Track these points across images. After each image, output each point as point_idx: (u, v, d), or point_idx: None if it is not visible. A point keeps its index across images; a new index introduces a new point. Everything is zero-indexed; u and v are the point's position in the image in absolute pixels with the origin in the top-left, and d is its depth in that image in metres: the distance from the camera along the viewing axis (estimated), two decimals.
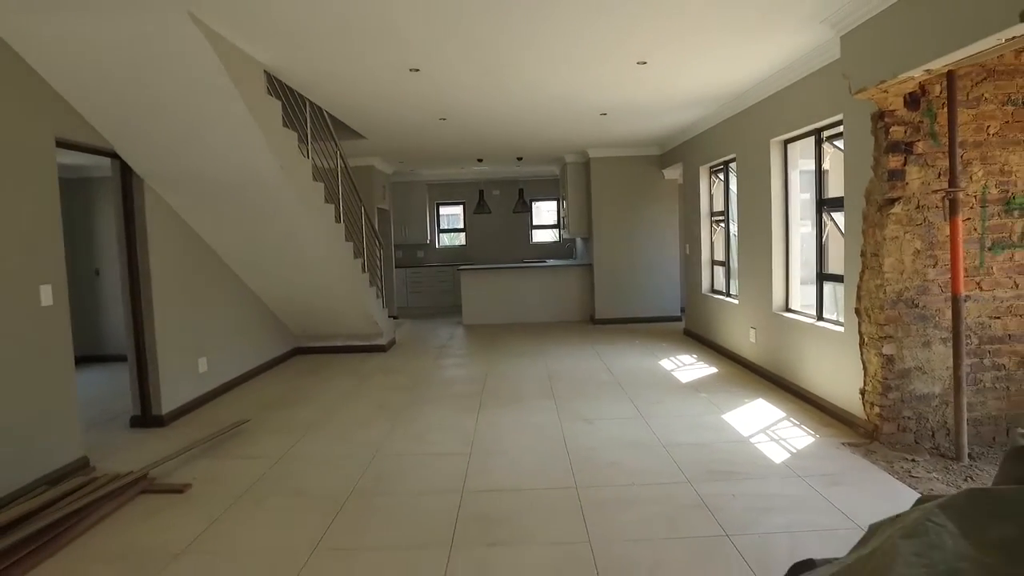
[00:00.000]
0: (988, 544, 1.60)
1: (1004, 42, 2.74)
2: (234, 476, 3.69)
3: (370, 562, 2.68)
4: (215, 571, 2.64)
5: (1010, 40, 2.71)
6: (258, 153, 4.46)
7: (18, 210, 3.46)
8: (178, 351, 4.95)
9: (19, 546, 2.76)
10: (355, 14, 3.50)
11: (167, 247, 4.86)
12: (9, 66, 3.45)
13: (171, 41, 3.52)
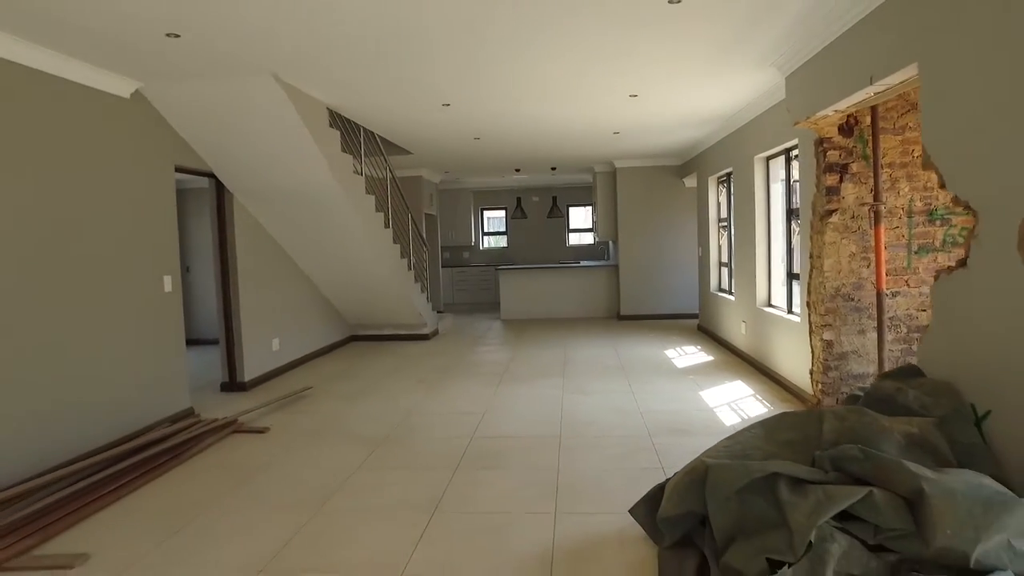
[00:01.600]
0: (775, 441, 2.57)
1: (874, 95, 3.56)
2: (301, 424, 4.81)
3: (396, 477, 3.71)
4: (286, 479, 3.73)
5: (878, 92, 3.53)
6: (321, 173, 5.59)
7: (150, 219, 4.67)
8: (257, 332, 6.15)
9: (155, 457, 3.93)
10: (395, 69, 4.55)
11: (249, 248, 6.06)
12: (148, 116, 4.67)
13: (258, 94, 4.67)
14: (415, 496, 3.39)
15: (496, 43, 4.04)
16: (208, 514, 3.25)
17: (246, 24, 3.53)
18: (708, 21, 3.76)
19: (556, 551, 2.75)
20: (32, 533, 2.94)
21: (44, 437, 3.70)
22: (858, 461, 2.22)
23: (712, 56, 4.48)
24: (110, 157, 4.33)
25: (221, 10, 3.32)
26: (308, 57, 4.20)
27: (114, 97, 4.41)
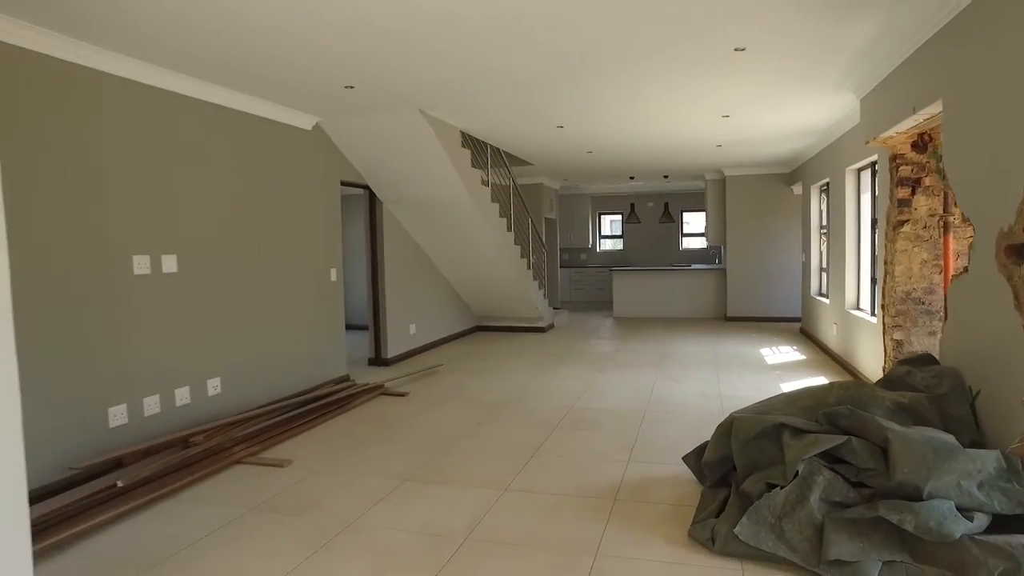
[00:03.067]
0: (794, 405, 3.31)
1: (923, 120, 4.08)
2: (433, 391, 5.93)
3: (507, 431, 4.69)
4: (422, 427, 4.81)
5: (927, 119, 4.05)
6: (454, 186, 6.70)
7: (322, 223, 5.98)
8: (398, 318, 7.39)
9: (326, 406, 5.17)
10: (516, 101, 5.54)
11: (393, 247, 7.31)
12: (323, 143, 5.99)
13: (407, 125, 5.84)
14: (522, 444, 4.35)
15: (599, 82, 4.91)
16: (365, 444, 4.39)
17: (402, 77, 4.65)
18: (771, 63, 4.43)
19: (623, 485, 3.59)
20: (257, 443, 4.21)
21: (255, 383, 5.03)
22: (844, 417, 2.91)
23: (789, 84, 5.09)
24: (295, 175, 5.64)
25: (384, 70, 4.44)
26: (447, 96, 5.28)
27: (300, 130, 5.72)
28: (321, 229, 5.97)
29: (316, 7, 3.29)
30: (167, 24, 3.45)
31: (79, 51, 3.66)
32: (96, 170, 3.83)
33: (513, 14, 3.46)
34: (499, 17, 3.50)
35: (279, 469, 3.93)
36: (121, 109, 3.98)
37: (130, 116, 4.03)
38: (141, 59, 3.98)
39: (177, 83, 4.33)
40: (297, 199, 5.64)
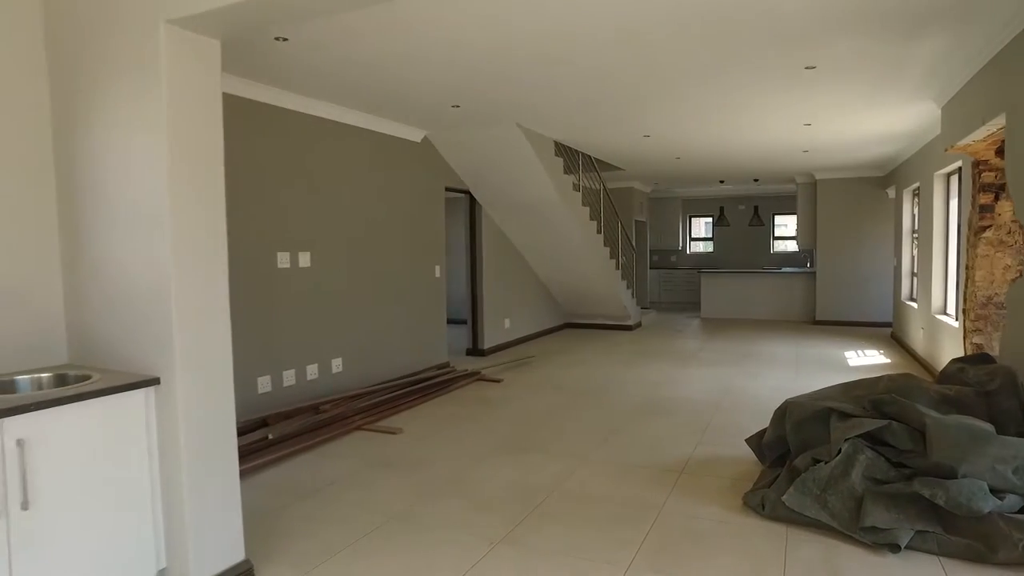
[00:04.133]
0: (847, 395, 3.66)
1: (997, 129, 4.25)
2: (525, 380, 6.52)
3: (590, 413, 5.20)
4: (515, 408, 5.40)
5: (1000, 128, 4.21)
6: (547, 192, 7.27)
7: (428, 224, 6.70)
8: (494, 313, 8.04)
9: (430, 388, 5.87)
10: (605, 115, 6.04)
11: (491, 247, 7.96)
12: (430, 153, 6.72)
13: (505, 137, 6.46)
14: (603, 425, 4.86)
15: (680, 98, 5.33)
16: (465, 420, 5.03)
17: (500, 99, 5.26)
18: (842, 79, 4.71)
19: (690, 462, 4.03)
20: (373, 414, 4.96)
21: (370, 364, 5.80)
22: (888, 404, 3.24)
23: (862, 97, 5.32)
24: (405, 182, 6.38)
25: (485, 94, 5.06)
26: (541, 113, 5.86)
27: (411, 142, 6.47)
28: (427, 230, 6.70)
29: (433, 48, 3.93)
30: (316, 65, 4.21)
31: (246, 87, 4.50)
32: (257, 182, 4.66)
33: (598, 43, 3.97)
34: (586, 47, 4.03)
35: (392, 436, 4.63)
36: (275, 132, 4.81)
37: (282, 137, 4.86)
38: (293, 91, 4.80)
39: (317, 107, 5.13)
40: (407, 203, 6.38)
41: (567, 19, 3.52)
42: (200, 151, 2.43)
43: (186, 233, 2.36)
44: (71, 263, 2.64)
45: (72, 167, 2.60)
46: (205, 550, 2.46)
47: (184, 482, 2.39)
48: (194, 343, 2.40)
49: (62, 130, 2.61)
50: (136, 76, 2.36)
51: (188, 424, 2.38)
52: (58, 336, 2.66)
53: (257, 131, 4.70)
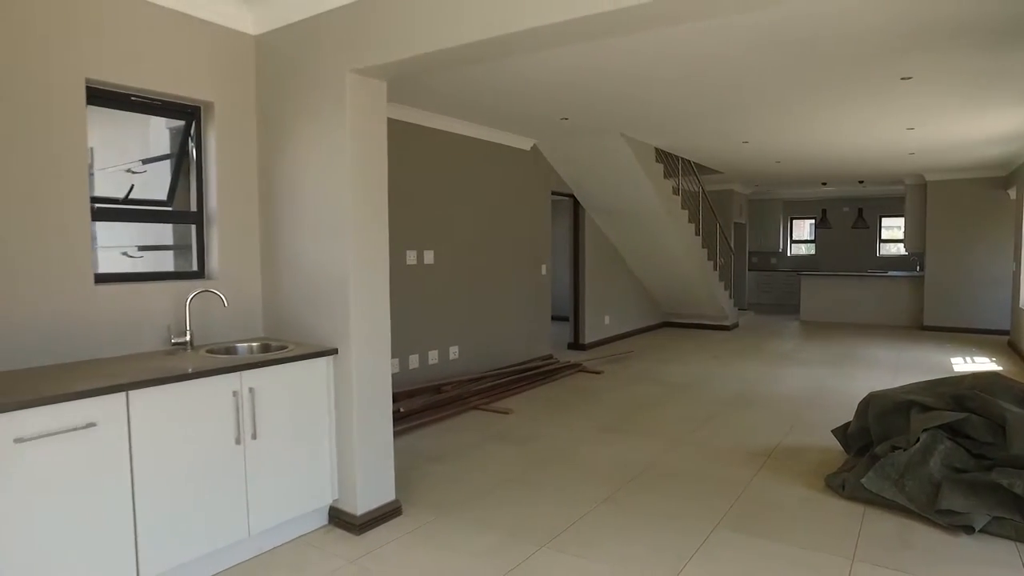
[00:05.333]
0: (932, 391, 3.92)
1: None
2: (623, 372, 6.96)
3: (685, 404, 5.58)
4: (614, 396, 5.85)
5: None
6: (647, 196, 7.66)
7: (535, 226, 7.26)
8: (594, 310, 8.51)
9: (536, 377, 6.43)
10: (705, 124, 6.38)
11: (592, 248, 8.43)
12: (538, 160, 7.27)
13: (608, 145, 6.91)
14: (697, 414, 5.24)
15: (779, 108, 5.61)
16: (569, 405, 5.54)
17: (606, 112, 5.72)
18: (940, 87, 4.85)
19: (777, 448, 4.36)
20: (486, 396, 5.57)
21: (482, 353, 6.42)
22: (969, 399, 3.46)
23: (962, 102, 5.39)
24: (514, 187, 6.96)
25: (592, 108, 5.55)
26: (644, 123, 6.27)
27: (521, 150, 7.04)
28: (534, 231, 7.26)
29: (547, 72, 4.47)
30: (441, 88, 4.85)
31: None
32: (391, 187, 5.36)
33: (697, 64, 4.37)
34: (686, 68, 4.43)
35: (504, 416, 5.21)
36: (402, 143, 5.51)
37: (407, 147, 5.55)
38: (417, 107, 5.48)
39: (437, 121, 5.80)
40: (516, 206, 6.96)
41: (669, 46, 3.96)
42: (371, 168, 3.07)
43: (361, 235, 3.01)
44: (268, 259, 3.36)
45: (271, 183, 3.31)
46: (367, 488, 3.11)
47: (354, 432, 3.03)
48: (364, 323, 3.04)
49: (265, 154, 3.33)
50: (326, 110, 3.02)
51: (358, 386, 3.03)
52: (256, 315, 3.39)
53: (389, 143, 5.41)
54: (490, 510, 3.37)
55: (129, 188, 3.24)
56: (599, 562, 2.81)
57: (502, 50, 2.71)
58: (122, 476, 2.29)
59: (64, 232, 2.67)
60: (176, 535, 2.47)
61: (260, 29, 3.31)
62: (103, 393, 2.22)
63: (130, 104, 3.06)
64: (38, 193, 2.60)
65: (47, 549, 2.11)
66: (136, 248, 3.37)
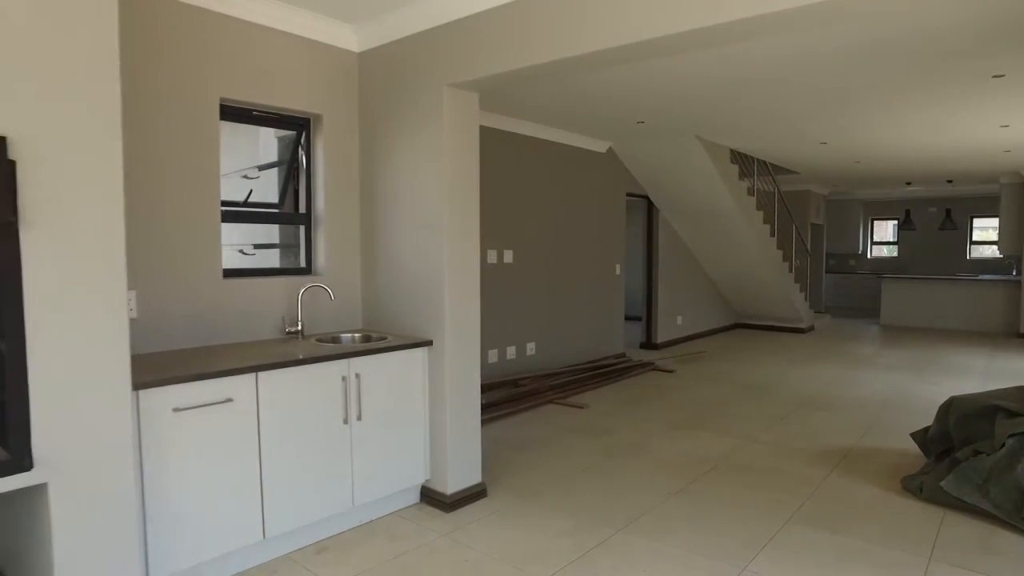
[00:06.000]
0: (1021, 397, 3.88)
1: None
2: (696, 372, 7.02)
3: (759, 403, 5.62)
4: (685, 395, 5.95)
5: None
6: (722, 198, 7.68)
7: (610, 226, 7.41)
8: (667, 310, 8.57)
9: (608, 374, 6.58)
10: (781, 127, 6.38)
11: (666, 248, 8.50)
12: (613, 162, 7.42)
13: (683, 147, 6.99)
14: (770, 413, 5.29)
15: (861, 109, 5.58)
16: (641, 401, 5.68)
17: (681, 116, 5.82)
18: None
19: (852, 450, 4.38)
20: (561, 391, 5.78)
21: (557, 349, 6.63)
22: None
23: None
24: (590, 188, 7.13)
25: (668, 111, 5.66)
26: (719, 126, 6.33)
27: (596, 153, 7.20)
28: (609, 232, 7.41)
29: (625, 80, 4.63)
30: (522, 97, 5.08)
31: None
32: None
33: (773, 68, 4.44)
34: (762, 72, 4.51)
35: (579, 410, 5.40)
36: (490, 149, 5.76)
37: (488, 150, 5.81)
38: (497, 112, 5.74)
39: (517, 125, 6.03)
40: (592, 207, 7.13)
41: (749, 52, 4.05)
42: (464, 173, 3.32)
43: (455, 235, 3.27)
44: (368, 257, 3.67)
45: (372, 187, 3.62)
46: (456, 470, 3.36)
47: (446, 417, 3.30)
48: (457, 318, 3.30)
49: (366, 161, 3.64)
50: (423, 121, 3.29)
51: (451, 375, 3.29)
52: (357, 308, 3.71)
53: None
54: (568, 495, 3.57)
55: (248, 192, 3.61)
56: (672, 547, 2.97)
57: (585, 65, 2.90)
58: (252, 445, 2.62)
59: (200, 232, 3.04)
60: (293, 500, 2.79)
61: (363, 47, 3.62)
62: (238, 373, 2.55)
63: (252, 118, 3.42)
64: (182, 198, 2.98)
65: (195, 499, 2.46)
66: (252, 246, 3.74)
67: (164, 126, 2.92)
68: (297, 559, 2.83)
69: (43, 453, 1.94)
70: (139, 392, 2.27)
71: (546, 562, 2.82)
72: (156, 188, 2.90)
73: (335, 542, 2.99)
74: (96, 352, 2.05)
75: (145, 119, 2.84)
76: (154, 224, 2.89)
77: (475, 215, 3.39)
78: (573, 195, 6.85)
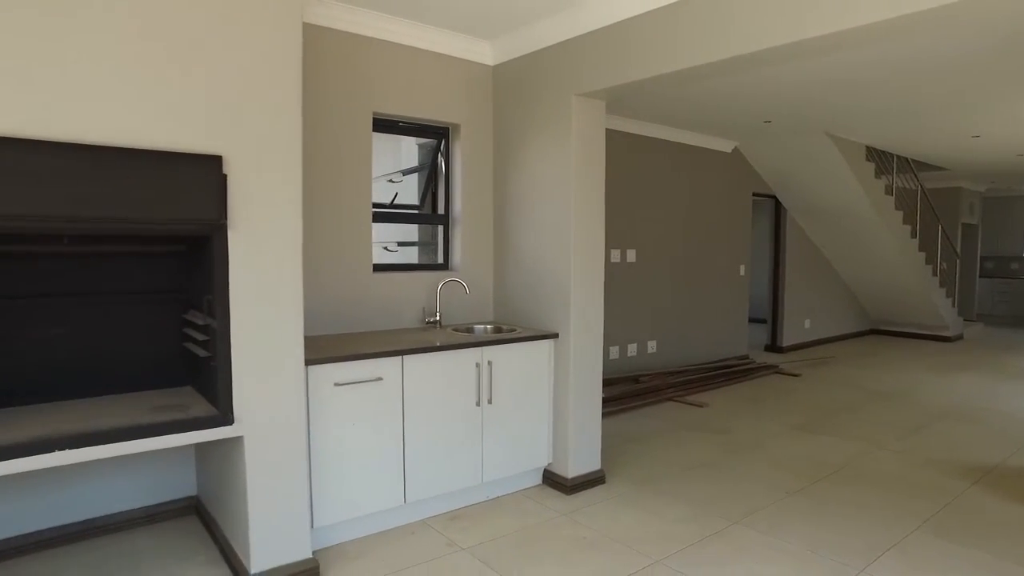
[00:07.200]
0: None
1: None
2: (823, 376, 6.80)
3: (887, 413, 5.39)
4: (807, 399, 5.80)
5: None
6: (856, 196, 7.36)
7: (735, 227, 7.32)
8: (794, 312, 8.32)
9: (731, 374, 6.54)
10: (925, 120, 6.05)
11: (794, 249, 8.25)
12: (739, 162, 7.33)
13: (813, 145, 6.78)
14: (903, 422, 5.08)
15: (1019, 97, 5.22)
16: (764, 403, 5.62)
17: (810, 114, 5.69)
18: None
19: (999, 466, 4.14)
20: (681, 390, 5.85)
21: (678, 348, 6.67)
22: None
23: None
24: (714, 188, 7.09)
25: (797, 111, 5.56)
26: (853, 122, 6.11)
27: (721, 153, 7.15)
28: (733, 232, 7.33)
29: (754, 83, 4.63)
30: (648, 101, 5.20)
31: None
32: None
33: (911, 66, 4.28)
34: (899, 70, 4.36)
35: (699, 408, 5.44)
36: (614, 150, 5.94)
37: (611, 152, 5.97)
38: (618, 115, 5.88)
39: (641, 127, 6.15)
40: (716, 207, 7.09)
41: (885, 50, 3.96)
42: (590, 177, 3.52)
43: (580, 236, 3.48)
44: (499, 255, 3.97)
45: (504, 190, 3.91)
46: (577, 455, 3.58)
47: (569, 406, 3.52)
48: (581, 313, 3.52)
49: (499, 166, 3.94)
50: (553, 128, 3.53)
51: (574, 367, 3.51)
52: (488, 302, 4.02)
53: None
54: (685, 487, 3.68)
55: (394, 195, 4.02)
56: (789, 542, 3.02)
57: (710, 74, 3.01)
58: (397, 419, 2.98)
59: (355, 231, 3.46)
60: (430, 471, 3.12)
61: (497, 60, 3.92)
62: (387, 356, 2.91)
63: (399, 128, 3.81)
64: (340, 201, 3.41)
65: (349, 462, 2.84)
66: (395, 244, 4.15)
67: (326, 138, 3.35)
68: (432, 524, 3.16)
69: (240, 412, 2.36)
70: (309, 367, 2.67)
71: (661, 545, 2.98)
72: (319, 192, 3.34)
73: (465, 512, 3.30)
74: (280, 332, 2.46)
75: (311, 133, 3.28)
76: (317, 223, 3.33)
77: (600, 217, 3.58)
78: (698, 195, 6.86)
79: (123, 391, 2.62)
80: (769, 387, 6.31)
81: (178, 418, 2.23)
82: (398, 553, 2.88)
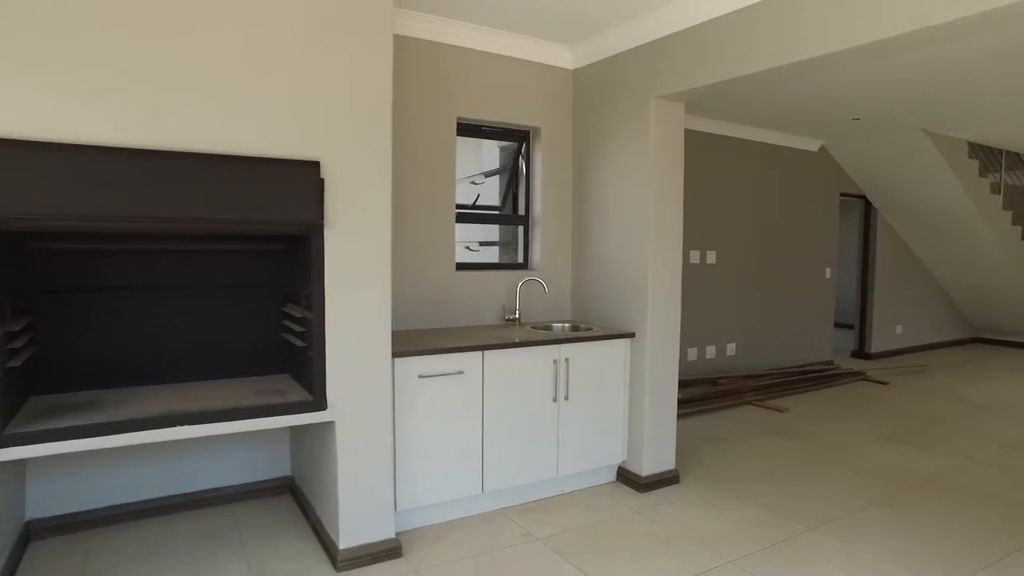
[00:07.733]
0: None
1: None
2: (914, 385, 6.51)
3: (985, 426, 5.10)
4: (905, 409, 5.56)
5: None
6: (956, 196, 6.98)
7: (820, 228, 7.10)
8: (884, 317, 7.97)
9: (815, 380, 6.36)
10: None
11: (885, 251, 7.90)
12: (826, 161, 7.10)
13: (907, 141, 6.48)
14: (1004, 436, 4.82)
15: None
16: (848, 410, 5.45)
17: (904, 110, 5.46)
18: None
19: None
20: (761, 393, 5.75)
21: (758, 351, 6.54)
22: None
23: None
24: (799, 188, 6.89)
25: (891, 105, 5.34)
26: (952, 116, 5.81)
27: (807, 152, 6.94)
28: (819, 233, 7.11)
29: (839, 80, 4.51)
30: (730, 102, 5.14)
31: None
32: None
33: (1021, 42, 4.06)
34: (1002, 58, 4.14)
35: (779, 413, 5.34)
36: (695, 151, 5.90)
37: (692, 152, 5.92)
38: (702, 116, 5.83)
39: (722, 127, 6.07)
40: (801, 208, 6.90)
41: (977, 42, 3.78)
42: (669, 178, 3.55)
43: (658, 237, 3.52)
44: (578, 255, 4.06)
45: (584, 191, 3.99)
46: (652, 454, 3.62)
47: (645, 405, 3.56)
48: (658, 313, 3.55)
49: (578, 168, 4.03)
50: (632, 131, 3.58)
51: (651, 366, 3.55)
52: (566, 301, 4.11)
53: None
54: (761, 491, 3.65)
55: (476, 196, 4.17)
56: (868, 551, 2.96)
57: (788, 75, 2.98)
58: (476, 412, 3.11)
59: (439, 231, 3.63)
60: (507, 462, 3.24)
61: (577, 65, 4.00)
62: (468, 350, 3.05)
63: (481, 132, 3.96)
64: (427, 202, 3.58)
65: (431, 451, 3.00)
66: (477, 243, 4.30)
67: (413, 143, 3.53)
68: (508, 515, 3.28)
69: (332, 399, 2.55)
70: (395, 359, 2.84)
71: (734, 546, 2.98)
72: (407, 194, 3.52)
73: (539, 505, 3.40)
74: (370, 325, 2.63)
75: (399, 138, 3.46)
76: (404, 223, 3.52)
77: (678, 218, 3.60)
78: (782, 196, 6.70)
79: (228, 376, 2.88)
80: (855, 394, 6.10)
81: (278, 402, 2.44)
82: (475, 539, 3.02)
